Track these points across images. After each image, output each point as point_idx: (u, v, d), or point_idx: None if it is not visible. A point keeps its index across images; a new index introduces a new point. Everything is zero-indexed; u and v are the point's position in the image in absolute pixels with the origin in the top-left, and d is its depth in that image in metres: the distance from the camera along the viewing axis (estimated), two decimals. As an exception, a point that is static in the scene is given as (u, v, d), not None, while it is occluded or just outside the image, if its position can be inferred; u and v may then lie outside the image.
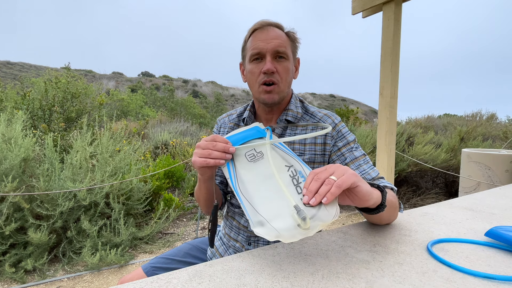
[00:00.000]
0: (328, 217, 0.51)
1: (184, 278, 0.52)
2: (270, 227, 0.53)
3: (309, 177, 0.56)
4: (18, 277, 2.05)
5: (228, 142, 0.68)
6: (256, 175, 0.63)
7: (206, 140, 0.67)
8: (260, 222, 0.54)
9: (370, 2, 2.52)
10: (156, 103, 21.87)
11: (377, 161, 2.55)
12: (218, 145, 0.66)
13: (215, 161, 0.65)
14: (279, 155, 0.66)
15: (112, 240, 2.46)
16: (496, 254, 0.59)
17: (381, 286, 0.48)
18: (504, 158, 2.99)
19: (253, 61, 0.82)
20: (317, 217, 0.51)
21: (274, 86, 0.81)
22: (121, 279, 0.90)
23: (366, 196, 0.55)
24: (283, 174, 0.61)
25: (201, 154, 0.66)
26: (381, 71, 2.48)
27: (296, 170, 0.61)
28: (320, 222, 0.50)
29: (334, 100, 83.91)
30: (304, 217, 0.50)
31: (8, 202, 2.17)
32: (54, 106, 4.16)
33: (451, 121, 8.19)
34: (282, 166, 0.63)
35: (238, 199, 0.61)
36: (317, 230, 0.50)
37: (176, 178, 4.10)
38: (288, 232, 0.51)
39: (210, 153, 0.65)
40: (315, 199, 0.52)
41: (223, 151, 0.66)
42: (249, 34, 0.84)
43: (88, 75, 58.94)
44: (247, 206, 0.58)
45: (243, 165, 0.66)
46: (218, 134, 0.71)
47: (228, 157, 0.66)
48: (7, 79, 29.22)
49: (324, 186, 0.53)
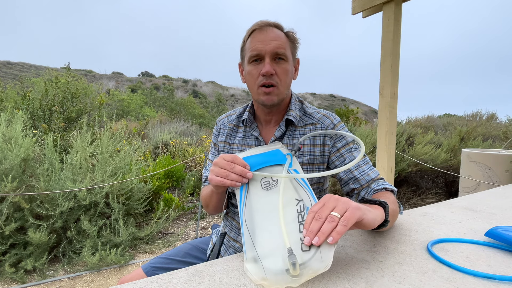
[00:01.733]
0: (321, 265, 0.47)
1: (184, 278, 0.52)
2: (260, 265, 0.51)
3: (309, 217, 0.52)
4: (18, 277, 2.05)
5: (246, 165, 0.67)
6: (266, 204, 0.62)
7: (225, 159, 0.67)
8: (254, 258, 0.53)
9: (370, 2, 2.52)
10: (156, 103, 21.87)
11: (377, 161, 2.55)
12: (236, 168, 0.65)
13: (231, 182, 0.65)
14: (293, 186, 0.65)
15: (112, 240, 2.46)
16: (496, 254, 0.59)
17: (381, 286, 0.48)
18: (504, 158, 2.99)
19: (252, 63, 0.81)
20: (308, 264, 0.48)
21: (273, 88, 0.80)
22: (121, 279, 0.90)
23: (371, 225, 0.55)
24: (290, 208, 0.60)
25: (218, 173, 0.66)
26: (381, 71, 2.48)
27: (305, 206, 0.60)
28: (311, 271, 0.47)
29: (334, 100, 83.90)
30: (293, 263, 0.47)
31: (8, 202, 2.17)
32: (54, 106, 4.16)
33: (451, 121, 8.19)
34: (292, 200, 0.62)
35: (241, 227, 0.60)
36: (306, 279, 0.47)
37: (176, 178, 4.10)
38: (275, 277, 0.48)
39: (227, 175, 0.65)
40: (318, 238, 0.48)
41: (240, 174, 0.66)
42: (248, 34, 0.83)
43: (88, 75, 58.94)
44: (247, 239, 0.57)
45: (256, 191, 0.66)
46: (236, 155, 0.69)
47: (244, 181, 0.66)
48: (7, 79, 29.21)
49: (327, 224, 0.49)
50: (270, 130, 0.89)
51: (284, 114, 0.88)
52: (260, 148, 0.80)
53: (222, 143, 0.95)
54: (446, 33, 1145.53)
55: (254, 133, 0.90)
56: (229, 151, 0.93)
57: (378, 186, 0.78)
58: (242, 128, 0.93)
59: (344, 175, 0.82)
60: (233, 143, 0.93)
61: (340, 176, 0.83)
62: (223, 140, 0.95)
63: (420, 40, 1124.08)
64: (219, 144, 0.96)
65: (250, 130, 0.90)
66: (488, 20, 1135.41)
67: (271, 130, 0.89)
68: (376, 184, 0.79)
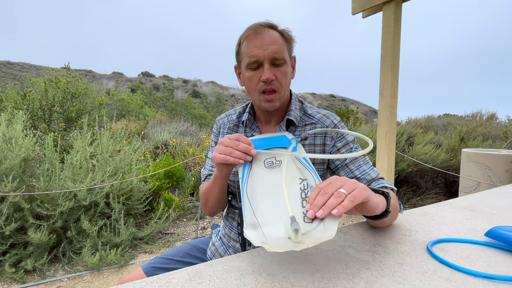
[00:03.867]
0: (323, 235, 0.47)
1: (184, 278, 0.52)
2: (260, 231, 0.51)
3: (313, 192, 0.52)
4: (18, 277, 2.05)
5: (251, 144, 0.67)
6: (268, 181, 0.63)
7: (230, 138, 0.67)
8: (253, 224, 0.53)
9: (370, 2, 2.52)
10: (156, 103, 21.88)
11: (377, 161, 2.55)
12: (240, 145, 0.66)
13: (234, 159, 0.65)
14: (297, 166, 0.65)
15: (112, 240, 2.46)
16: (496, 254, 0.59)
17: (381, 286, 0.48)
18: (504, 158, 2.99)
19: (250, 69, 0.80)
20: (310, 233, 0.48)
21: (274, 95, 0.80)
22: (121, 279, 0.90)
23: (375, 208, 0.55)
24: (293, 186, 0.60)
25: (222, 151, 0.66)
26: (381, 71, 2.48)
27: (308, 184, 0.60)
28: (312, 239, 0.47)
29: (334, 100, 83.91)
30: (296, 229, 0.47)
31: (8, 202, 2.17)
32: (54, 106, 4.16)
33: (451, 121, 8.19)
34: (296, 178, 0.62)
35: (241, 197, 0.60)
36: (307, 246, 0.47)
37: (176, 178, 4.10)
38: (275, 241, 0.48)
39: (231, 152, 0.65)
40: (322, 211, 0.48)
41: (244, 151, 0.65)
42: (243, 39, 0.81)
43: (88, 75, 58.94)
44: (247, 206, 0.57)
45: (259, 170, 0.66)
46: (241, 134, 0.70)
47: (248, 159, 0.66)
48: (7, 79, 29.21)
49: (333, 199, 0.49)
50: (271, 130, 0.90)
51: (284, 115, 0.88)
52: (267, 134, 0.80)
53: None
54: (446, 33, 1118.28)
55: (254, 134, 0.90)
56: None
57: (379, 185, 0.79)
58: (242, 128, 0.93)
59: (344, 174, 0.83)
60: None
61: (341, 175, 0.83)
62: None
63: (420, 40, 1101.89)
64: None
65: (251, 131, 0.90)
66: (488, 20, 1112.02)
67: (271, 130, 0.89)
68: (376, 183, 0.80)
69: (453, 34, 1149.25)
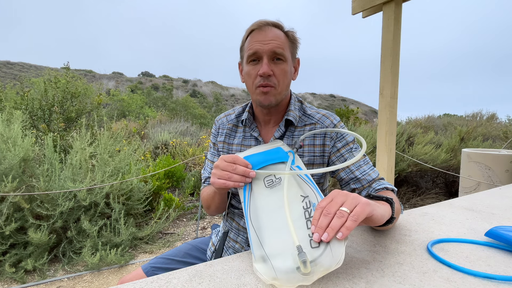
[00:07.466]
0: (332, 261, 0.46)
1: (184, 278, 0.52)
2: (270, 265, 0.50)
3: (317, 212, 0.51)
4: (18, 277, 2.05)
5: (248, 165, 0.66)
6: (270, 202, 0.61)
7: (225, 161, 0.65)
8: (262, 257, 0.52)
9: (370, 2, 2.52)
10: (156, 103, 21.88)
11: (377, 161, 2.54)
12: (238, 169, 0.64)
13: (234, 183, 0.64)
14: (297, 182, 0.64)
15: (112, 240, 2.46)
16: (496, 254, 0.59)
17: (381, 286, 0.48)
18: (504, 158, 2.99)
19: (250, 63, 0.80)
20: (319, 261, 0.47)
21: (270, 88, 0.79)
22: (121, 279, 0.90)
23: (380, 220, 0.55)
24: (296, 205, 0.59)
25: (220, 175, 0.65)
26: (381, 71, 2.48)
27: (311, 202, 0.58)
28: (322, 268, 0.46)
29: (334, 100, 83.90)
30: (304, 261, 0.46)
31: (8, 202, 2.17)
32: (54, 106, 4.16)
33: (451, 121, 8.19)
34: (297, 196, 0.61)
35: (246, 226, 0.59)
36: (318, 276, 0.46)
37: (176, 178, 4.10)
38: (286, 276, 0.47)
39: (230, 176, 0.64)
40: (327, 234, 0.47)
41: (243, 175, 0.64)
42: (247, 34, 0.82)
43: (88, 75, 58.95)
44: (253, 238, 0.56)
45: (260, 190, 0.64)
46: (237, 155, 0.68)
47: (247, 181, 0.65)
48: (7, 79, 29.20)
49: (336, 219, 0.48)
50: (270, 131, 0.89)
51: (283, 115, 0.88)
52: (261, 146, 0.79)
53: (221, 143, 0.95)
54: (446, 33, 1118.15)
55: (253, 134, 0.89)
56: (228, 151, 0.93)
57: (379, 186, 0.78)
58: (242, 128, 0.92)
59: (345, 175, 0.82)
60: (232, 143, 0.93)
61: (341, 176, 0.83)
62: (222, 140, 0.94)
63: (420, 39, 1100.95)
64: (218, 144, 0.96)
65: (250, 131, 0.90)
66: (488, 20, 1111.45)
67: (270, 131, 0.89)
68: (377, 184, 0.80)
69: (454, 34, 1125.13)
